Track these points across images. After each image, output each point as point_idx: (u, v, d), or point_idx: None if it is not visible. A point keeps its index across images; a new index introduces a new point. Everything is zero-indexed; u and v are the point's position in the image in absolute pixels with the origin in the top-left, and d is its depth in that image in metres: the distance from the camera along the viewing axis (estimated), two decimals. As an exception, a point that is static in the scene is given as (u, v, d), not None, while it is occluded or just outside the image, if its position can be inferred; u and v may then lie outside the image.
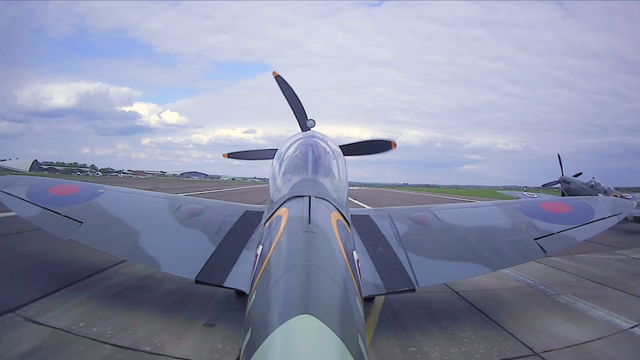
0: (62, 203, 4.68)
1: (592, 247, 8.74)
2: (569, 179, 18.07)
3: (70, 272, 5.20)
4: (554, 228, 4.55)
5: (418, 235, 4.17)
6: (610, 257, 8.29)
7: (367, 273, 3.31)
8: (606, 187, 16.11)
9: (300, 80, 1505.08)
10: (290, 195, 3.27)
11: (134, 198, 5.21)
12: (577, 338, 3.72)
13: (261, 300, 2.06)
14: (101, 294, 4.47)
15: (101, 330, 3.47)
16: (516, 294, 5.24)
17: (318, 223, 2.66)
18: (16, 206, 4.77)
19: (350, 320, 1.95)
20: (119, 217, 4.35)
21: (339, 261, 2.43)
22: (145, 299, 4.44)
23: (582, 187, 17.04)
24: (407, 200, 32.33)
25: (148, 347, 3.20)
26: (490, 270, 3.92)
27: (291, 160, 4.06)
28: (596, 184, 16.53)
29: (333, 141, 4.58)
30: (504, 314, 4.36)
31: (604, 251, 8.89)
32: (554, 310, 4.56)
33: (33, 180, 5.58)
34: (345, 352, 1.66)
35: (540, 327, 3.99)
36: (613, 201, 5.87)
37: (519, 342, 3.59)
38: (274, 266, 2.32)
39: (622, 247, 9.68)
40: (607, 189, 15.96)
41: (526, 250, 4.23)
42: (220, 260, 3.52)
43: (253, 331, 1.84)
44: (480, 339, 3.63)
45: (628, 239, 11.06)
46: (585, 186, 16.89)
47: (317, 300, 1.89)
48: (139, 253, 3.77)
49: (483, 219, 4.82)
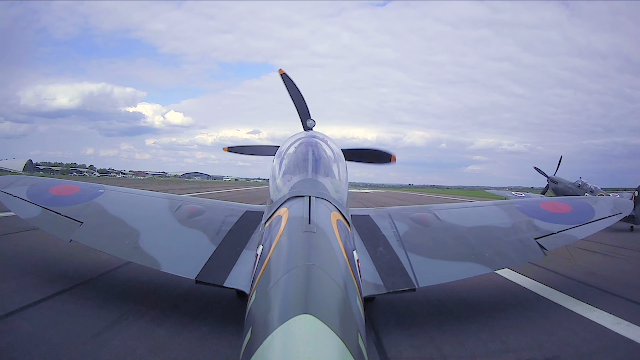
0: (62, 203, 4.69)
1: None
2: (557, 179, 18.39)
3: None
4: (554, 228, 4.55)
5: (418, 235, 4.17)
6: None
7: (367, 273, 3.31)
8: (592, 187, 16.51)
9: (306, 80, 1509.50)
10: (291, 195, 3.28)
11: (134, 198, 5.22)
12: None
13: (261, 300, 2.06)
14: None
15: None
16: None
17: (318, 223, 2.67)
18: (16, 206, 4.77)
19: (351, 320, 1.95)
20: (119, 217, 4.36)
21: (339, 261, 2.43)
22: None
23: (569, 187, 17.41)
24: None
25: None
26: (491, 270, 3.92)
27: (291, 160, 4.07)
28: (583, 183, 16.93)
29: (333, 141, 4.59)
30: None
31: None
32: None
33: (33, 180, 5.58)
34: (345, 352, 1.66)
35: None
36: (613, 201, 5.87)
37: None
38: (274, 266, 2.32)
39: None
40: (593, 188, 16.37)
41: (526, 250, 4.23)
42: (221, 261, 3.52)
43: (253, 331, 1.84)
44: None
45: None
46: (572, 186, 17.24)
47: (317, 300, 1.89)
48: (139, 253, 3.77)
49: (483, 218, 4.82)
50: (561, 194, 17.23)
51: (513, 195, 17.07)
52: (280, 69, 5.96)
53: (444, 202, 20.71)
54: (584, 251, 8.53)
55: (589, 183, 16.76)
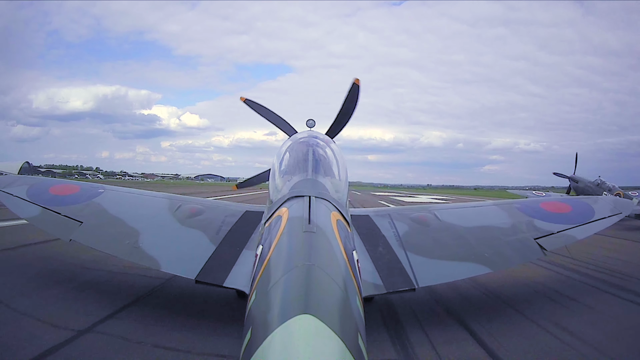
0: (62, 203, 4.69)
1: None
2: (578, 178, 18.80)
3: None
4: (554, 228, 4.56)
5: (418, 235, 4.17)
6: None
7: (367, 273, 3.31)
8: (610, 186, 16.99)
9: (322, 81, 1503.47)
10: (290, 195, 3.28)
11: (134, 198, 5.21)
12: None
13: (261, 300, 2.06)
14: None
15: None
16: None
17: (318, 223, 2.67)
18: (16, 206, 4.78)
19: (350, 320, 1.95)
20: (119, 217, 4.36)
21: (339, 261, 2.43)
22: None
23: (588, 186, 17.91)
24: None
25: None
26: (491, 270, 3.92)
27: (291, 160, 4.07)
28: (602, 182, 17.40)
29: (333, 141, 4.59)
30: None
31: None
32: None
33: (33, 180, 5.59)
34: (345, 352, 1.66)
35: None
36: (613, 201, 5.87)
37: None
38: (274, 266, 2.32)
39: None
40: (611, 187, 16.89)
41: (526, 250, 4.24)
42: (220, 260, 3.52)
43: (253, 331, 1.85)
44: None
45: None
46: (591, 184, 17.78)
47: (317, 300, 1.89)
48: (139, 253, 3.77)
49: (483, 218, 4.82)
50: (581, 192, 17.65)
51: (534, 195, 17.31)
52: (242, 97, 6.17)
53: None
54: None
55: (608, 182, 17.21)
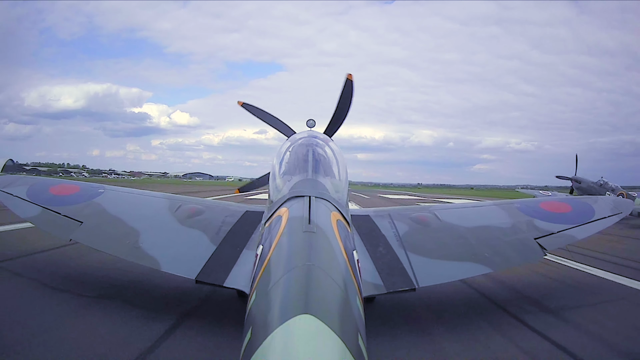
0: (62, 203, 4.69)
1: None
2: (580, 179, 18.92)
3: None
4: (555, 228, 4.55)
5: (418, 235, 4.17)
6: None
7: (367, 273, 3.30)
8: (613, 186, 17.16)
9: (313, 80, 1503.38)
10: (291, 195, 3.28)
11: (134, 198, 5.21)
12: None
13: (261, 300, 2.06)
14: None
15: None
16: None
17: (318, 223, 2.67)
18: (16, 206, 4.77)
19: (351, 320, 1.95)
20: (119, 216, 4.36)
21: (339, 261, 2.43)
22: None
23: (591, 186, 18.11)
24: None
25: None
26: (491, 270, 3.92)
27: (291, 160, 4.07)
28: (604, 182, 17.57)
29: (333, 141, 4.58)
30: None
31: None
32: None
33: (33, 180, 5.59)
34: (345, 352, 1.66)
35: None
36: (613, 201, 5.88)
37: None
38: (274, 266, 2.32)
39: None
40: (614, 187, 17.05)
41: (526, 250, 4.24)
42: (221, 260, 3.52)
43: (253, 331, 1.85)
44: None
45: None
46: (594, 185, 17.96)
47: (317, 300, 1.89)
48: (139, 253, 3.77)
49: (483, 218, 4.82)
50: (584, 193, 17.81)
51: (541, 194, 17.52)
52: (239, 101, 6.14)
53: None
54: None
55: (610, 182, 17.39)
